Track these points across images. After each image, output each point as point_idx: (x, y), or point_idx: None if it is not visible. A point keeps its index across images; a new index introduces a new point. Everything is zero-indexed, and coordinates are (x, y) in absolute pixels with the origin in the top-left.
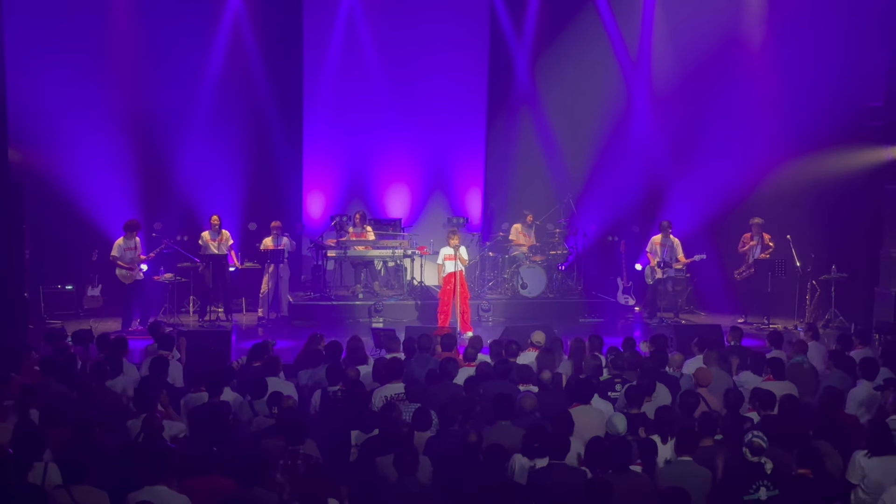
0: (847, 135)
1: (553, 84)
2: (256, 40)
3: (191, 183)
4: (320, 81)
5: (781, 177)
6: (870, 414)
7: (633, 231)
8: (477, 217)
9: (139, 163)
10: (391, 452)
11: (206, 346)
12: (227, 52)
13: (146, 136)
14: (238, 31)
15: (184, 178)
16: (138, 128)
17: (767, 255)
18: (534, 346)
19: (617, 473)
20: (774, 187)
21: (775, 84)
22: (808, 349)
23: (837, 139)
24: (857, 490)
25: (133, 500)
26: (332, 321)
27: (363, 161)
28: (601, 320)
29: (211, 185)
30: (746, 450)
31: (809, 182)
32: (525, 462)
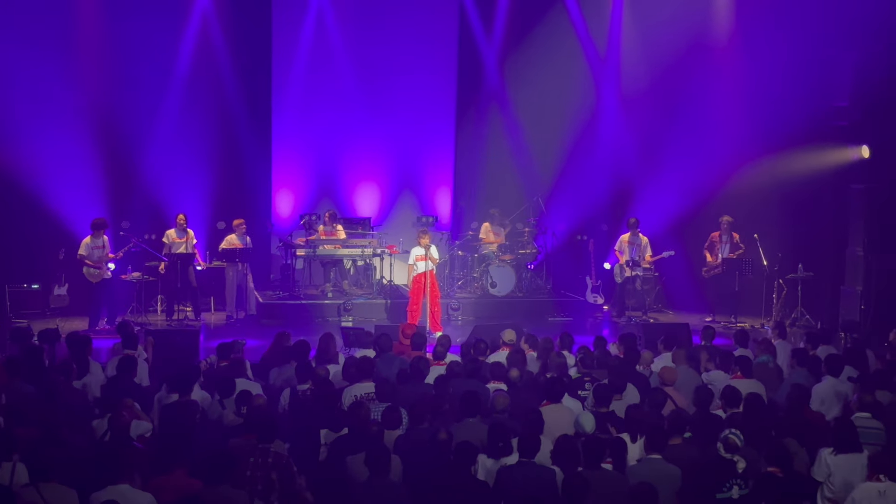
0: (813, 134)
1: (522, 83)
2: (225, 38)
3: (159, 181)
4: (289, 80)
5: (749, 176)
6: (835, 410)
7: (601, 230)
8: (446, 216)
9: (107, 161)
10: (361, 451)
11: (175, 345)
12: (196, 50)
13: (114, 135)
14: (206, 29)
15: (152, 176)
16: (106, 126)
17: (737, 255)
18: (506, 345)
19: (588, 471)
20: (742, 186)
21: (743, 83)
22: (774, 348)
23: (804, 139)
24: (823, 487)
25: (96, 500)
26: (302, 320)
27: (332, 160)
28: (570, 319)
29: (179, 184)
30: (721, 446)
31: (776, 181)
32: (489, 462)
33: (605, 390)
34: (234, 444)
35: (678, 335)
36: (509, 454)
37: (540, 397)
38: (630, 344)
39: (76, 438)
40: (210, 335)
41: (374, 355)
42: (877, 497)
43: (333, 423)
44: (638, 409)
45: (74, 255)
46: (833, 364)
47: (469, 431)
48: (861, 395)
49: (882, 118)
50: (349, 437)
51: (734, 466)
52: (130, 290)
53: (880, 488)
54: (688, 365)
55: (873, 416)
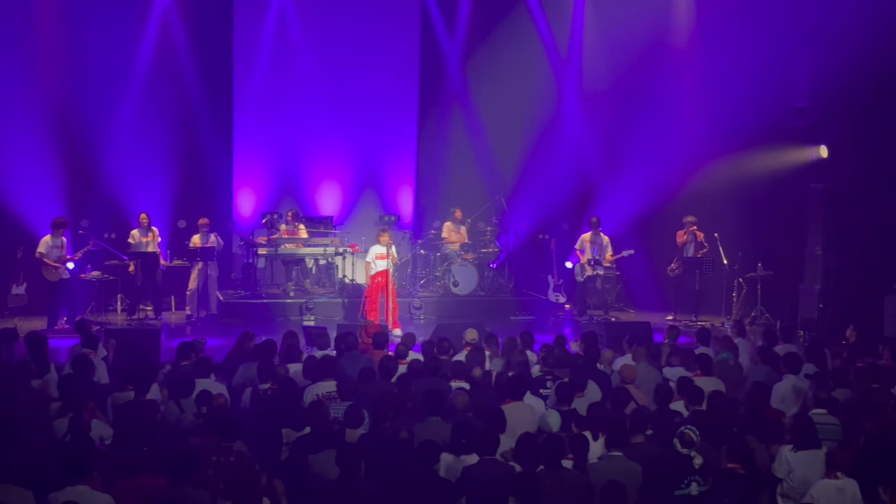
0: (773, 134)
1: (484, 82)
2: (186, 36)
3: (119, 180)
4: (251, 78)
5: (709, 175)
6: (795, 408)
7: (563, 229)
8: (408, 215)
9: (66, 160)
10: (322, 450)
11: (135, 344)
12: (156, 49)
13: (73, 133)
14: (167, 27)
15: (112, 175)
16: (65, 124)
17: (701, 254)
18: (469, 345)
19: (549, 469)
20: (702, 186)
21: (703, 84)
22: (734, 346)
23: (763, 139)
24: (783, 484)
25: (55, 502)
26: (263, 319)
27: (294, 159)
28: (532, 318)
29: (139, 183)
30: (677, 440)
31: (736, 181)
32: (452, 460)
33: (566, 388)
34: (195, 443)
35: (640, 334)
36: (472, 452)
37: (502, 396)
38: (591, 342)
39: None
40: (171, 334)
41: (336, 354)
42: (835, 493)
43: (295, 422)
44: (600, 407)
45: (33, 254)
46: (792, 362)
47: (431, 430)
48: (817, 392)
49: (840, 118)
50: (311, 436)
51: (691, 462)
52: (90, 289)
53: (838, 485)
54: (648, 363)
55: (829, 413)
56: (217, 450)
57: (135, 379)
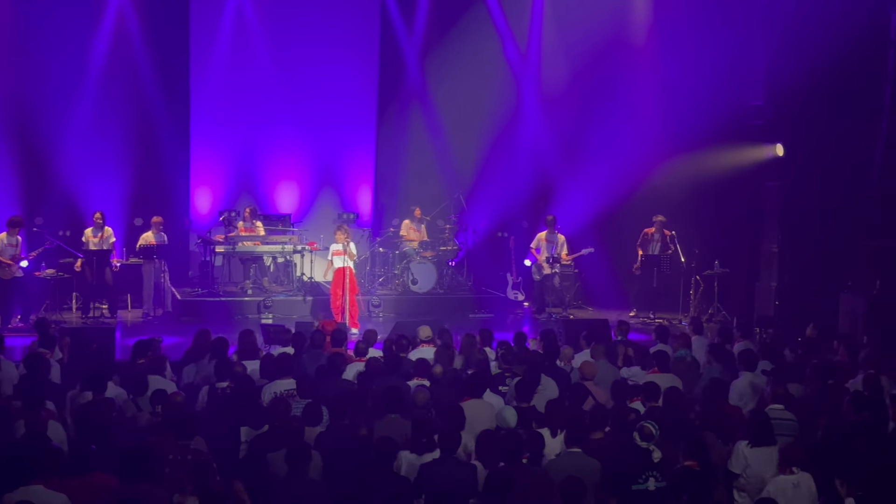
0: (729, 133)
1: (443, 80)
2: (142, 32)
3: (74, 178)
4: (208, 75)
5: (667, 174)
6: (752, 404)
7: (522, 227)
8: (367, 213)
9: (20, 157)
10: (281, 448)
11: (90, 342)
12: (112, 44)
13: (28, 130)
14: (122, 22)
15: (67, 172)
16: (19, 121)
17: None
18: (423, 342)
19: (509, 466)
20: (660, 184)
21: (661, 83)
22: (691, 343)
23: (720, 137)
24: (740, 479)
25: (9, 501)
26: (221, 317)
27: (252, 156)
28: (491, 315)
29: (95, 180)
30: (636, 434)
31: (693, 179)
32: (412, 458)
33: (525, 386)
34: (152, 442)
35: (598, 331)
36: (433, 450)
37: (461, 393)
38: (550, 340)
39: None
40: (127, 333)
41: (294, 352)
42: (791, 489)
43: (253, 420)
44: (558, 403)
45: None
46: (748, 359)
47: (391, 428)
48: (774, 388)
49: (796, 117)
50: (269, 434)
51: (650, 456)
52: (45, 287)
53: (794, 480)
54: (606, 360)
55: (786, 408)
56: (174, 448)
57: (90, 378)
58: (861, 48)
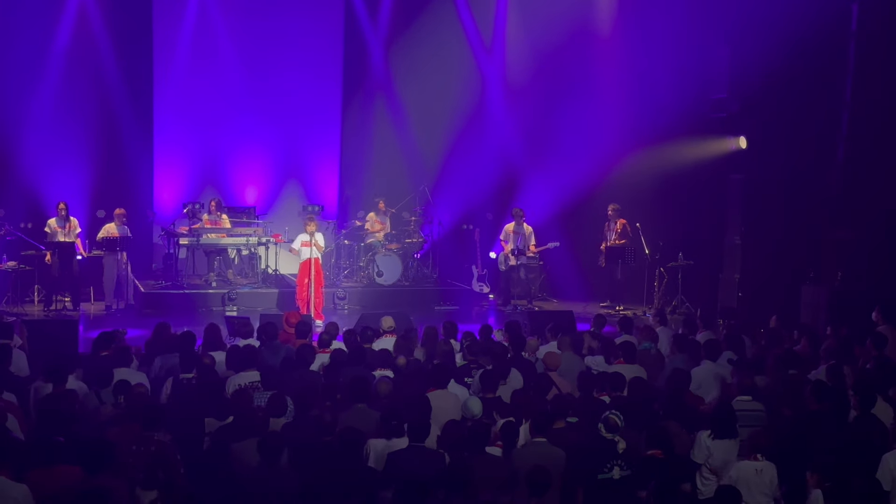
0: (693, 126)
1: (408, 72)
2: (104, 21)
3: (36, 169)
4: (171, 67)
5: (631, 166)
6: (713, 393)
7: (487, 219)
8: (332, 205)
9: None
10: (245, 439)
11: (53, 335)
12: (73, 34)
13: None
14: (84, 11)
15: (28, 164)
16: None
17: (620, 243)
18: (387, 332)
19: (473, 455)
20: (624, 177)
21: (625, 76)
22: (656, 335)
23: (684, 130)
24: (703, 468)
25: None
26: (185, 310)
27: (216, 148)
28: (456, 308)
29: (57, 171)
30: (602, 426)
31: (658, 171)
32: (380, 445)
33: (490, 376)
34: (113, 433)
35: (563, 322)
36: (402, 436)
37: (426, 384)
38: (515, 331)
39: None
40: (90, 325)
41: (259, 344)
42: (754, 475)
43: (218, 411)
44: (523, 394)
45: None
46: (711, 349)
47: (357, 417)
48: (741, 379)
49: (758, 110)
50: (233, 425)
51: (615, 447)
52: (6, 279)
53: (757, 467)
54: (572, 351)
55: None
56: (137, 439)
57: (51, 370)
58: (823, 40)
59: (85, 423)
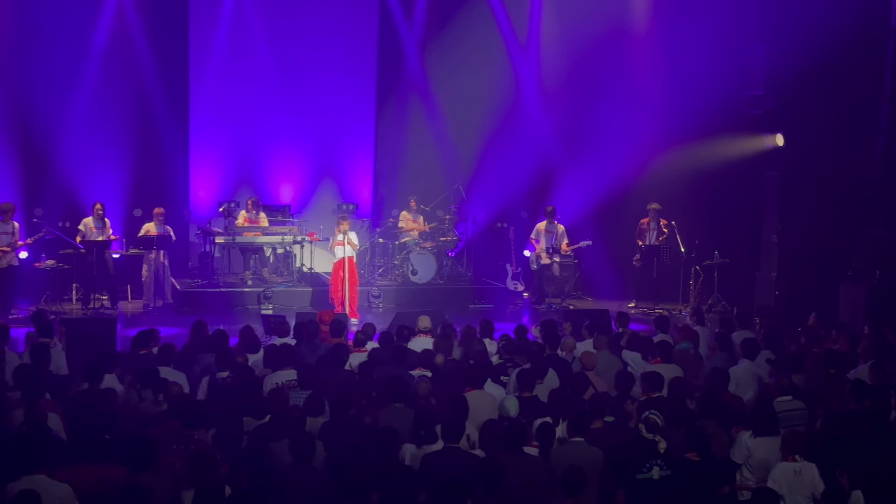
0: (729, 123)
1: (443, 71)
2: (141, 23)
3: (74, 168)
4: (207, 66)
5: (667, 164)
6: (751, 392)
7: (522, 217)
8: (367, 203)
9: (20, 148)
10: (282, 438)
11: (90, 334)
12: (111, 35)
13: (27, 121)
14: (122, 13)
15: (66, 163)
16: (19, 112)
17: (660, 241)
18: (422, 332)
19: (510, 455)
20: (659, 175)
21: (661, 73)
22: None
23: (720, 127)
24: (743, 469)
25: (12, 491)
26: (221, 308)
27: (252, 147)
28: (491, 306)
29: (94, 171)
30: (642, 426)
31: (693, 169)
32: (414, 450)
33: (527, 375)
34: (155, 431)
35: (599, 321)
36: (434, 442)
37: (463, 383)
38: (550, 330)
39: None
40: (127, 324)
41: (295, 343)
42: (793, 476)
43: (255, 410)
44: (560, 393)
45: None
46: (749, 348)
47: (395, 417)
48: (779, 379)
49: (795, 106)
50: (271, 424)
51: (656, 447)
52: (44, 278)
53: (796, 468)
54: (609, 350)
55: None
56: (177, 438)
57: (89, 368)
58: (861, 35)
59: (126, 421)
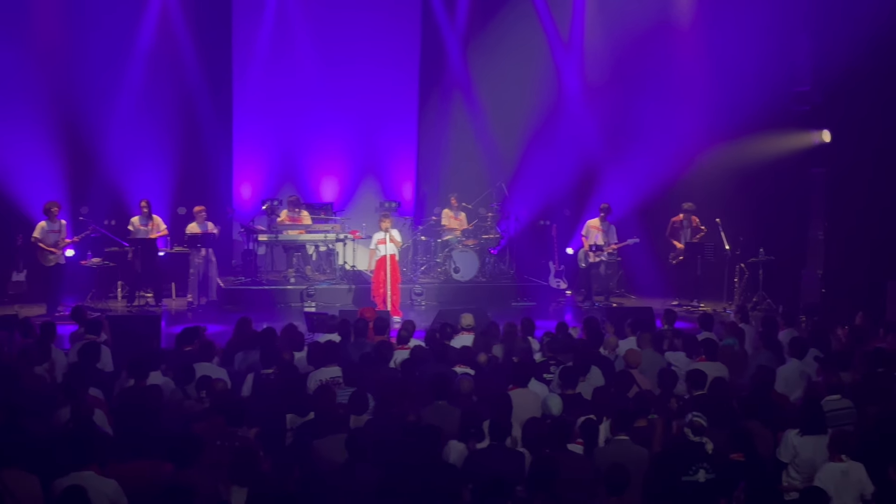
0: (775, 119)
1: (485, 68)
2: (185, 22)
3: (119, 167)
4: (250, 64)
5: (711, 160)
6: (798, 391)
7: (564, 215)
8: (409, 201)
9: (66, 146)
10: (326, 436)
11: (135, 331)
12: (156, 33)
13: (73, 119)
14: (167, 12)
15: (112, 161)
16: (65, 110)
17: (698, 238)
18: (465, 330)
19: (555, 453)
20: (704, 171)
21: (705, 68)
22: (740, 331)
23: (766, 123)
24: (789, 468)
25: (60, 487)
26: (264, 305)
27: (294, 145)
28: (533, 304)
29: (139, 169)
30: (688, 430)
31: (738, 166)
32: (461, 447)
33: (570, 373)
34: (199, 427)
35: (642, 319)
36: (482, 440)
37: (506, 381)
38: (593, 328)
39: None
40: (172, 321)
41: (340, 339)
42: (840, 477)
43: (299, 407)
44: (604, 391)
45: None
46: (796, 346)
47: (438, 415)
48: (827, 377)
49: (842, 102)
50: (315, 421)
51: (703, 448)
52: (90, 275)
53: (843, 468)
54: (652, 348)
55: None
56: (221, 434)
57: (134, 365)
58: None
59: (170, 417)
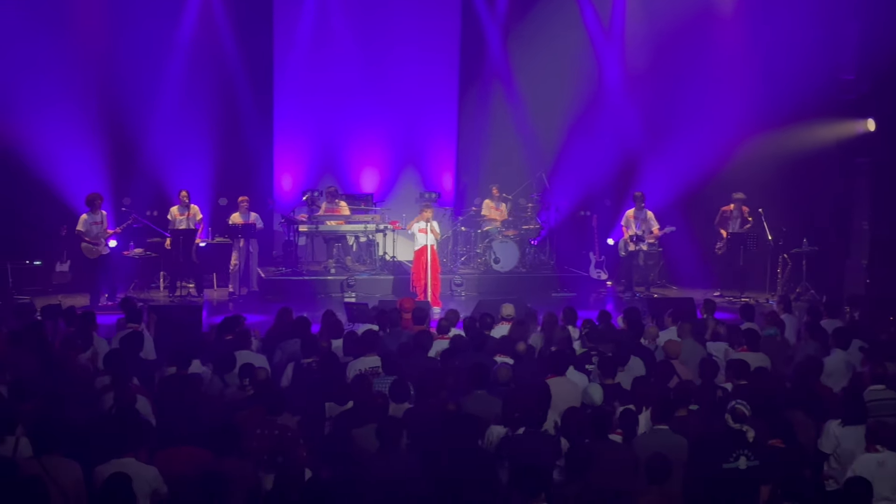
0: (819, 108)
1: (526, 58)
2: (227, 13)
3: (161, 158)
4: (291, 56)
5: (754, 150)
6: (843, 382)
7: (605, 205)
8: (449, 192)
9: (108, 138)
10: (366, 424)
11: (177, 320)
12: (197, 24)
13: (115, 111)
14: (208, 2)
15: (154, 153)
16: (107, 102)
17: (745, 230)
18: (505, 320)
19: (595, 442)
20: (747, 160)
21: (748, 57)
22: (782, 321)
23: (810, 112)
24: (830, 459)
25: (101, 474)
26: (304, 296)
27: (334, 136)
28: (573, 294)
29: (181, 160)
30: (729, 416)
31: (781, 155)
32: (502, 431)
33: (609, 362)
34: (240, 416)
35: (683, 309)
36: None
37: (545, 371)
38: (634, 318)
39: (80, 412)
40: (213, 311)
41: (378, 328)
42: (876, 467)
43: (338, 396)
44: (644, 381)
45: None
46: (841, 337)
47: (478, 404)
48: (873, 368)
49: (888, 92)
50: (354, 410)
51: (744, 436)
52: (133, 266)
53: (879, 458)
54: (693, 338)
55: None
56: (261, 423)
57: (176, 354)
58: None
59: (211, 405)
